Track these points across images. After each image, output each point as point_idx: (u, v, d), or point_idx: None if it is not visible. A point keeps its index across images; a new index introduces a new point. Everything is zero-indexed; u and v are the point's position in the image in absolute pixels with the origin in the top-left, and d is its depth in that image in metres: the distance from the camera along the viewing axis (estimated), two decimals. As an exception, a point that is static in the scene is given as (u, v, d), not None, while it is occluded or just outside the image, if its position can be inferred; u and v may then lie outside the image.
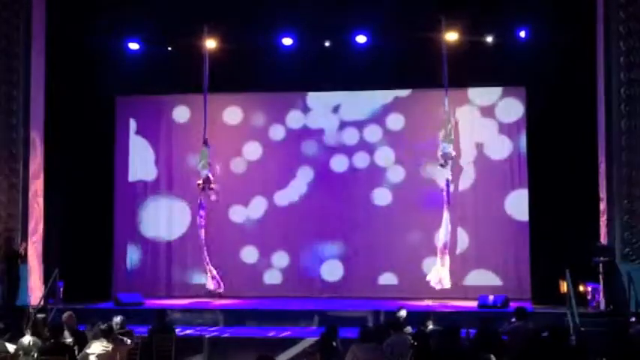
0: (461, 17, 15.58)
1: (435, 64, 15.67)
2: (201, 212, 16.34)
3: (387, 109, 17.35)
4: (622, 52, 14.35)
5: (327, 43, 16.43)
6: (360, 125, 17.35)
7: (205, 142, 16.20)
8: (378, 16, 15.87)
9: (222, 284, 16.32)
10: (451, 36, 15.63)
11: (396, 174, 17.13)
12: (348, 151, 17.36)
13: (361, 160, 17.31)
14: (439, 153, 15.69)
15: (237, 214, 17.38)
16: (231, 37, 16.21)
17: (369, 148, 17.31)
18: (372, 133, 17.30)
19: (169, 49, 16.59)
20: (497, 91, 16.92)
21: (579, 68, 15.26)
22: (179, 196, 17.56)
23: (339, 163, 17.36)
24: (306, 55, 16.50)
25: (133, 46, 16.64)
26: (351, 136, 17.35)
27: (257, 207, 17.43)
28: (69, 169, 16.56)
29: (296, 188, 17.40)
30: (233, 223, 17.35)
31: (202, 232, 16.33)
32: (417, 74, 16.35)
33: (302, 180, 17.41)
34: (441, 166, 15.64)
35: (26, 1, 15.49)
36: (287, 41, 16.40)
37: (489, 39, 15.90)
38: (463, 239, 16.79)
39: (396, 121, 17.28)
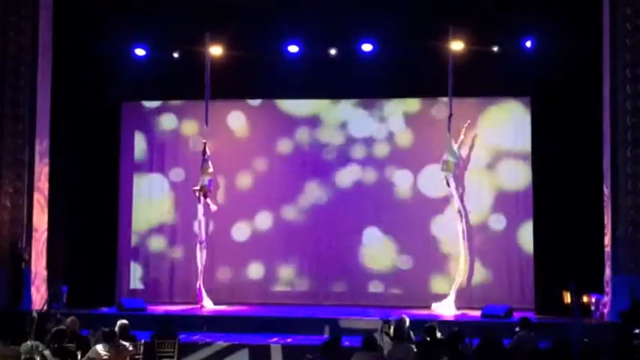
0: (467, 27, 15.60)
1: (440, 73, 15.67)
2: (200, 223, 16.21)
3: (393, 118, 17.36)
4: (628, 64, 14.36)
5: (332, 52, 16.44)
6: (366, 134, 17.35)
7: (204, 150, 16.15)
8: (384, 25, 15.89)
9: (202, 300, 16.15)
10: (457, 45, 15.63)
11: (403, 184, 17.12)
12: (354, 161, 17.34)
13: (367, 170, 17.30)
14: (443, 160, 15.68)
15: (242, 224, 17.36)
16: (236, 44, 16.23)
17: (376, 158, 17.30)
18: (379, 142, 17.31)
19: (176, 55, 16.62)
20: (503, 100, 16.94)
21: (585, 79, 15.26)
22: (183, 203, 17.56)
23: (344, 174, 17.34)
24: (311, 64, 16.51)
25: (140, 52, 16.66)
26: (357, 146, 17.35)
27: (262, 217, 17.42)
28: (74, 174, 16.59)
29: (302, 198, 17.41)
30: (237, 234, 17.31)
31: (201, 245, 16.23)
32: (422, 83, 16.35)
33: (308, 189, 17.43)
34: (442, 171, 15.61)
35: (33, 8, 15.56)
36: (293, 49, 16.41)
37: (495, 49, 15.90)
38: (468, 249, 16.77)
39: (402, 131, 17.28)
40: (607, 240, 14.64)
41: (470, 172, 16.62)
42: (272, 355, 12.77)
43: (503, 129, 16.92)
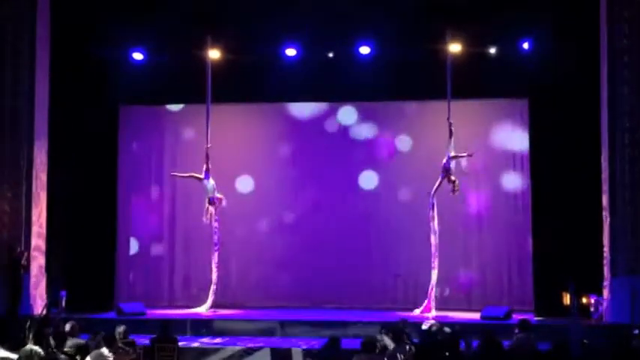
0: (464, 29, 15.61)
1: (438, 75, 15.68)
2: (215, 230, 16.23)
3: (391, 122, 17.38)
4: (626, 65, 14.38)
5: (330, 54, 16.45)
6: (366, 138, 17.37)
7: (207, 154, 16.17)
8: (382, 28, 15.90)
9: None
10: (455, 47, 15.65)
11: (403, 188, 17.12)
12: (353, 164, 17.35)
13: (367, 174, 17.31)
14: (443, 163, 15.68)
15: (242, 228, 17.36)
16: (235, 48, 16.23)
17: (375, 161, 17.31)
18: (378, 145, 17.34)
19: (173, 59, 16.61)
20: (501, 102, 16.95)
21: (583, 79, 15.28)
22: (181, 207, 17.57)
23: (344, 177, 17.35)
24: (311, 67, 16.49)
25: (137, 56, 16.67)
26: (357, 150, 17.36)
27: (263, 220, 17.43)
28: (72, 179, 16.56)
29: (302, 202, 17.43)
30: (237, 237, 17.29)
31: (216, 253, 16.20)
32: (420, 85, 16.34)
33: (307, 193, 17.44)
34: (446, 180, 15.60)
35: (31, 12, 15.56)
36: (291, 52, 16.42)
37: (492, 50, 15.91)
38: (467, 251, 16.80)
39: (401, 134, 17.30)
40: (605, 241, 14.64)
41: (468, 174, 16.62)
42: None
43: (501, 130, 16.94)
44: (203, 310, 15.92)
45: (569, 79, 15.35)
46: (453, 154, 15.48)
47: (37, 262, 15.59)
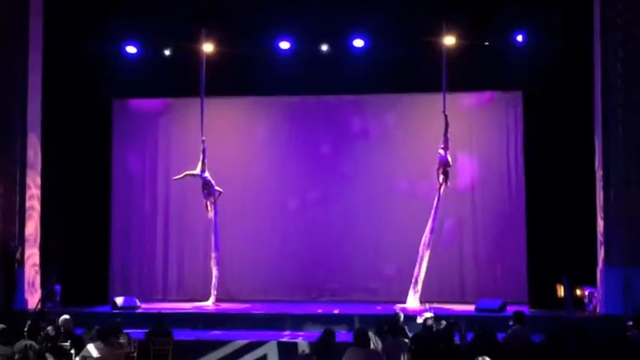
0: (459, 21, 15.61)
1: (432, 68, 15.67)
2: (214, 229, 16.24)
3: (387, 114, 17.37)
4: (620, 58, 14.38)
5: (324, 47, 16.44)
6: (360, 130, 17.36)
7: (203, 147, 16.15)
8: (377, 21, 15.88)
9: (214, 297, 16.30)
10: (449, 40, 15.65)
11: (395, 181, 17.12)
12: (348, 157, 17.34)
13: (358, 166, 17.30)
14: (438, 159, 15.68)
15: (236, 223, 17.32)
16: (228, 41, 16.20)
17: (371, 154, 17.28)
18: (370, 138, 17.33)
19: (167, 52, 16.59)
20: (495, 94, 16.96)
21: (576, 72, 15.30)
22: (176, 200, 17.55)
23: (336, 169, 17.35)
24: (306, 60, 16.47)
25: (131, 49, 16.62)
26: (351, 143, 17.35)
27: (257, 215, 17.40)
28: (66, 173, 16.54)
29: (297, 196, 17.44)
30: (232, 233, 17.27)
31: (214, 253, 16.27)
32: (414, 78, 16.33)
33: (302, 187, 17.44)
34: (441, 172, 15.61)
35: (24, 5, 15.51)
36: (284, 45, 16.41)
37: (487, 43, 15.90)
38: (461, 243, 16.82)
39: (394, 126, 17.30)
40: (599, 233, 14.68)
41: (463, 166, 16.63)
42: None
43: (495, 122, 16.95)
44: (209, 303, 15.97)
45: (563, 71, 15.38)
46: (441, 149, 15.52)
47: (32, 256, 15.56)
